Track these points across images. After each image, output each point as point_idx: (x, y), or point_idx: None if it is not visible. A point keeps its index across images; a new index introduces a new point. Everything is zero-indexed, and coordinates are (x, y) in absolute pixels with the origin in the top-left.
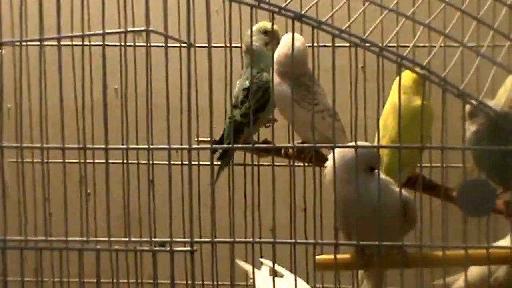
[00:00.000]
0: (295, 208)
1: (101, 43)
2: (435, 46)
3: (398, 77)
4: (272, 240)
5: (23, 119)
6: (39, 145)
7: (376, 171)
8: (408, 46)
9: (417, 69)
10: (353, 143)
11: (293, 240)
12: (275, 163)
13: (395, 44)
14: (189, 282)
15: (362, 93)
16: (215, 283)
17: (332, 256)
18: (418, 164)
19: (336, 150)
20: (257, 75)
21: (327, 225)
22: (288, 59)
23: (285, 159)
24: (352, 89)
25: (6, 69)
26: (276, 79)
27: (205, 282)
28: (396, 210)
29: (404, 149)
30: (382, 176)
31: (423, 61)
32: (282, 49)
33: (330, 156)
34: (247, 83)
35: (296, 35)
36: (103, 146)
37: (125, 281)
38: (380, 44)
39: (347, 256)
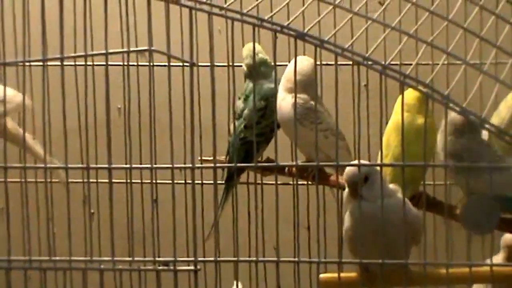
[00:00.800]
0: (299, 226)
1: (104, 63)
2: (438, 64)
3: (400, 95)
4: (275, 258)
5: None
6: (42, 165)
7: None
8: (411, 64)
9: (420, 87)
10: (356, 161)
11: (296, 259)
12: (279, 182)
13: (398, 62)
14: None
15: (365, 111)
16: None
17: (335, 275)
18: (422, 182)
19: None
20: (270, 94)
21: (331, 243)
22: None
23: (288, 177)
24: (355, 107)
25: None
26: (281, 94)
27: None
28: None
29: (407, 167)
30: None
31: (426, 79)
32: (292, 66)
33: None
34: (263, 103)
35: (306, 57)
36: (107, 165)
37: None
38: (383, 62)
39: (351, 274)
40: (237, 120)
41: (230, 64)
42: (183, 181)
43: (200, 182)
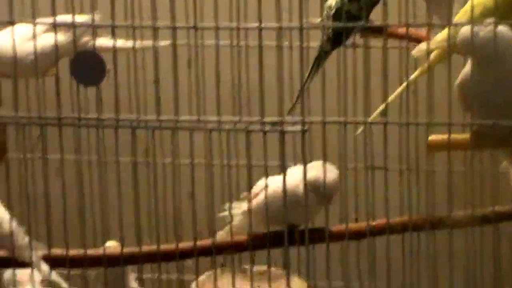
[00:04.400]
0: (408, 89)
1: None
2: None
3: None
4: (384, 120)
5: None
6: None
7: None
8: None
9: None
10: None
11: (405, 121)
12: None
13: None
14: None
15: None
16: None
17: (445, 136)
18: None
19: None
20: None
21: (439, 106)
22: None
23: (396, 39)
24: None
25: None
26: None
27: None
28: None
29: None
30: None
31: None
32: None
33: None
34: None
35: None
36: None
37: (235, 163)
38: None
39: (460, 136)
40: None
41: None
42: (289, 44)
43: (306, 45)
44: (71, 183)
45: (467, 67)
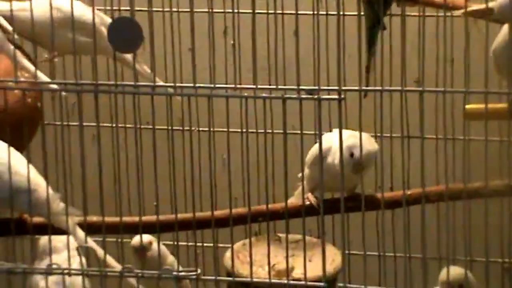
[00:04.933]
0: (446, 58)
1: None
2: None
3: None
4: (420, 88)
5: None
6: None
7: None
8: None
9: None
10: None
11: (442, 89)
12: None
13: None
14: None
15: None
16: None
17: (482, 106)
18: None
19: None
20: None
21: (475, 77)
22: None
23: (432, 8)
24: None
25: None
26: None
27: None
28: None
29: None
30: None
31: None
32: None
33: None
34: None
35: None
36: None
37: (270, 131)
38: None
39: (498, 105)
40: None
41: None
42: (325, 13)
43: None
44: (107, 150)
45: (502, 33)
